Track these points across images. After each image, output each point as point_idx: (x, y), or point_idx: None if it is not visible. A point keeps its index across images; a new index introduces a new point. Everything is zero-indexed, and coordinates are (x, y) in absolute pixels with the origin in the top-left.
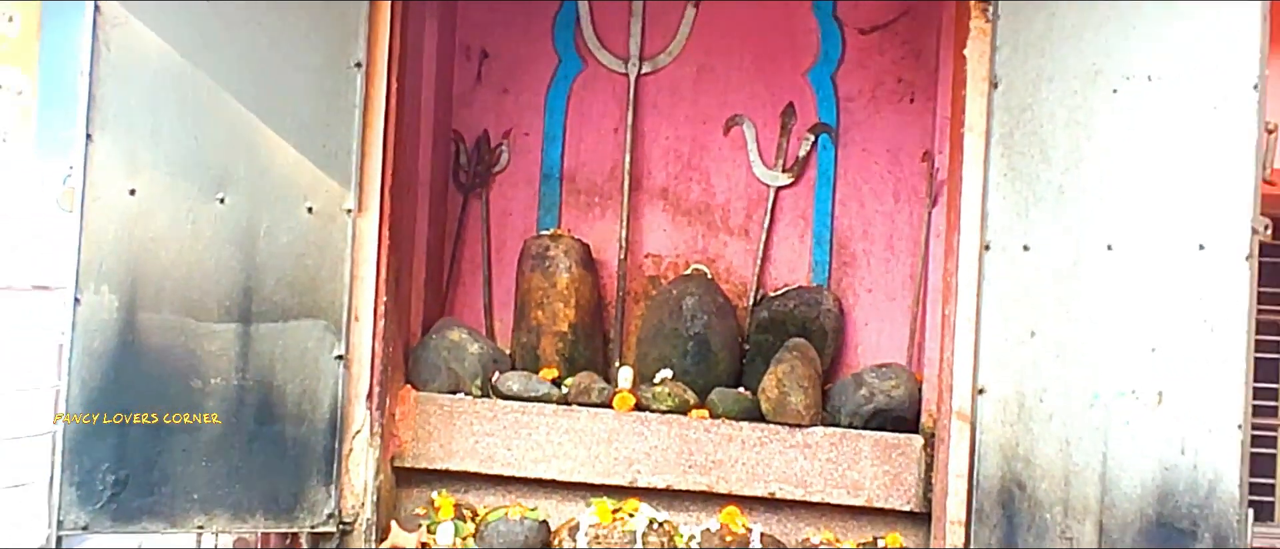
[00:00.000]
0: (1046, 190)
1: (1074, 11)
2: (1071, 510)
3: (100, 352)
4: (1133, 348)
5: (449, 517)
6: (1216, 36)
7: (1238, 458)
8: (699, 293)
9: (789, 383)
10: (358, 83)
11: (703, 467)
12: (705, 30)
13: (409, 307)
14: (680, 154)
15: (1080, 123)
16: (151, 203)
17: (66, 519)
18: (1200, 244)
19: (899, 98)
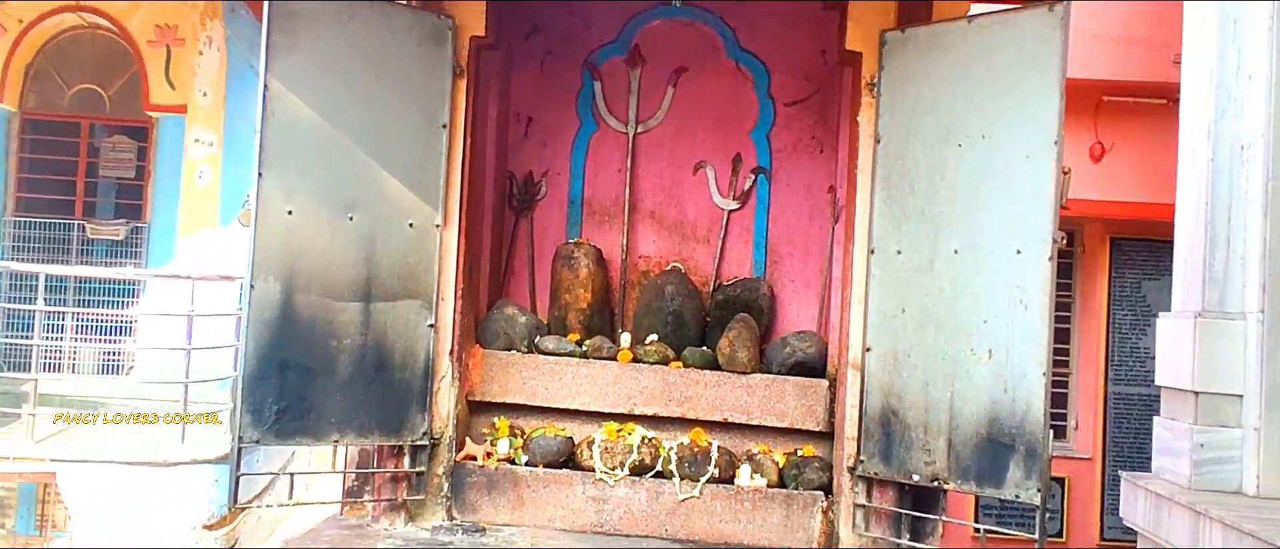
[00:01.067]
0: (912, 212)
1: (930, 91)
2: (930, 430)
3: (267, 321)
4: (971, 320)
5: (505, 434)
6: (1028, 107)
7: (1042, 395)
8: (676, 282)
9: (737, 343)
10: (443, 138)
11: (678, 401)
12: (680, 103)
13: (478, 291)
14: (663, 188)
15: (936, 166)
16: (302, 219)
17: (244, 437)
18: (1017, 249)
19: (812, 149)
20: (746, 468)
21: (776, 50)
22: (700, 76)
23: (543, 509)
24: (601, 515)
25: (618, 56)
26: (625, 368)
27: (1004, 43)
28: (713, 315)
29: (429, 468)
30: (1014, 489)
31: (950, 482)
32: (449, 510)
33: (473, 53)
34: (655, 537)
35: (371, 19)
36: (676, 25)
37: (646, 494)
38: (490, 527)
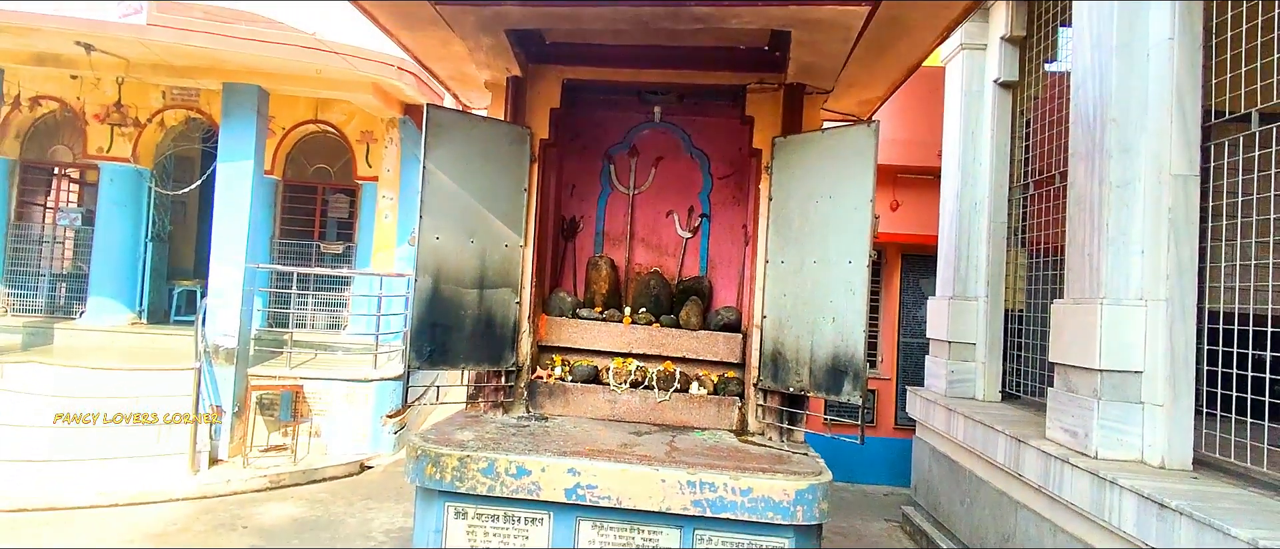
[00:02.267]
0: (790, 239)
1: (801, 170)
2: (800, 363)
3: (423, 300)
4: (824, 300)
5: (559, 364)
6: (855, 180)
7: (861, 343)
8: (656, 279)
9: (691, 313)
10: (524, 196)
11: (657, 345)
12: (660, 177)
13: (544, 283)
14: (649, 225)
15: (804, 213)
16: (444, 241)
17: (411, 364)
18: (849, 260)
19: (735, 204)
20: (696, 384)
21: (715, 147)
22: (671, 162)
23: (581, 406)
24: (614, 409)
25: (623, 150)
26: (627, 327)
27: (842, 143)
28: (678, 298)
29: (516, 383)
30: (846, 395)
31: (811, 391)
32: (527, 407)
33: (540, 148)
34: (644, 421)
35: (485, 127)
36: (658, 132)
37: (639, 398)
38: (551, 416)
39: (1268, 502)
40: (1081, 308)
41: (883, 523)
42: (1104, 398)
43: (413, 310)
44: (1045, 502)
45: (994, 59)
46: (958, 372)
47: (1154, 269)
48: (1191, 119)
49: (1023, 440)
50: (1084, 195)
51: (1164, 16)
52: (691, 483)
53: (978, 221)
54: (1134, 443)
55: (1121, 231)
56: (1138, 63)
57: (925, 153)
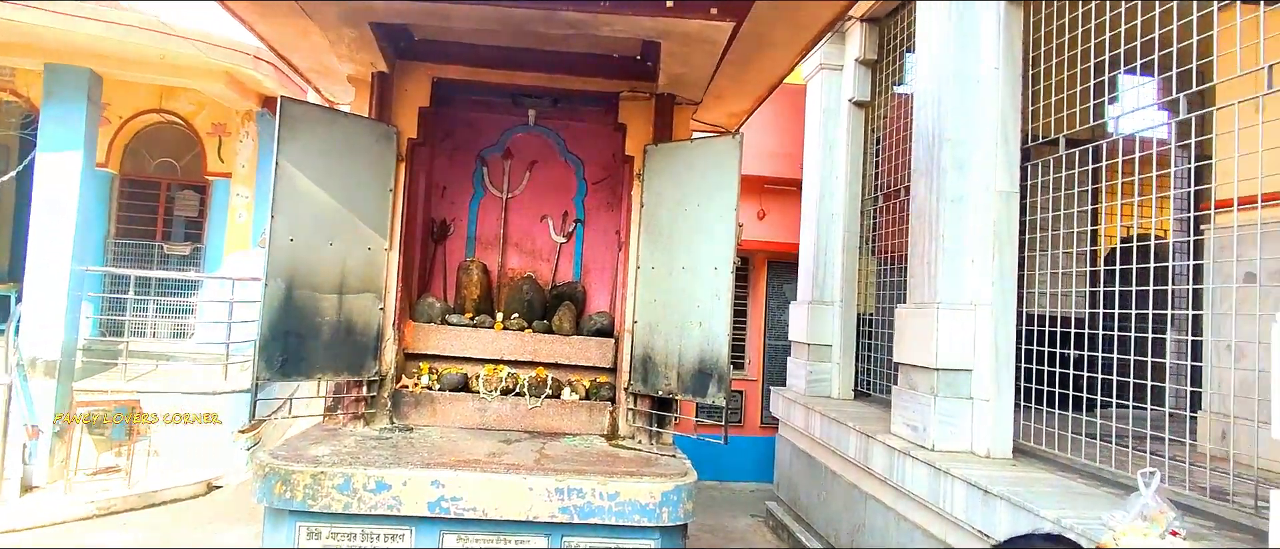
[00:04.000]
0: (660, 246)
1: (671, 178)
2: (668, 366)
3: (275, 306)
4: (691, 305)
5: (426, 373)
6: (721, 190)
7: (726, 346)
8: (530, 284)
9: (564, 318)
10: (390, 197)
11: (530, 351)
12: (534, 181)
13: (411, 288)
14: (523, 229)
15: (674, 220)
16: (300, 244)
17: (259, 375)
18: (715, 267)
19: (609, 209)
20: (567, 389)
21: (589, 152)
22: (546, 166)
23: (449, 416)
24: (484, 418)
25: (497, 153)
26: (499, 333)
27: (709, 153)
28: (551, 303)
29: (378, 393)
30: (711, 397)
31: (679, 394)
32: (390, 418)
33: (409, 147)
34: (515, 429)
35: (348, 123)
36: (533, 136)
37: (510, 405)
38: (416, 427)
39: (1073, 485)
40: (921, 312)
41: (749, 519)
42: (940, 394)
43: (262, 317)
44: (891, 492)
45: (849, 79)
46: (815, 372)
47: (982, 276)
48: (1012, 141)
49: (871, 436)
50: (924, 208)
51: (991, 47)
52: (559, 489)
53: (834, 231)
54: (965, 435)
55: (956, 242)
56: (970, 88)
57: (790, 165)
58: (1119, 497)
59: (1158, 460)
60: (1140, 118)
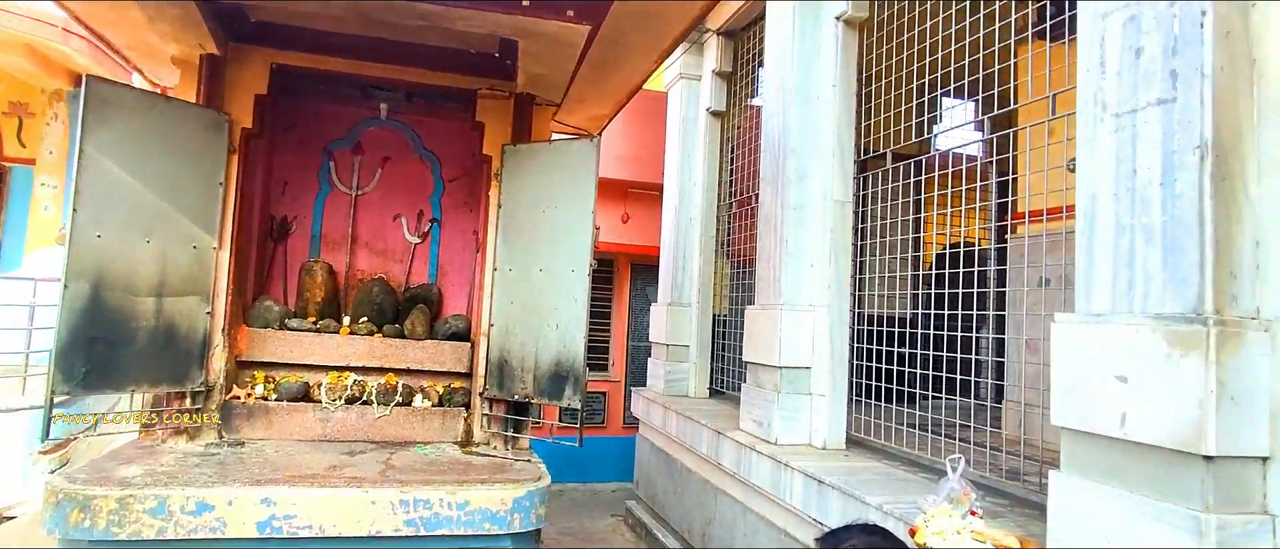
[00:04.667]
0: (519, 248)
1: (530, 180)
2: (525, 370)
3: (77, 310)
4: (548, 308)
5: (261, 381)
6: (578, 192)
7: (582, 349)
8: (380, 286)
9: (417, 322)
10: (220, 192)
11: (380, 357)
12: (387, 178)
13: (245, 291)
14: (374, 229)
15: (532, 222)
16: (109, 241)
17: (56, 390)
18: (572, 269)
19: (466, 209)
20: (419, 396)
21: (446, 150)
22: (400, 163)
23: (288, 428)
24: (326, 429)
25: (346, 147)
26: (345, 338)
27: (568, 156)
28: (404, 306)
29: (205, 405)
30: (567, 400)
31: (535, 398)
32: (219, 432)
33: (243, 138)
34: (362, 439)
35: (170, 110)
36: (385, 130)
37: (356, 415)
38: (249, 441)
39: (897, 472)
40: (766, 313)
41: (609, 518)
42: (783, 391)
43: (61, 322)
44: (739, 486)
45: (706, 90)
46: (673, 372)
47: (821, 279)
48: (847, 153)
49: (721, 432)
50: (770, 215)
51: (829, 66)
52: (405, 501)
53: (692, 235)
54: (805, 429)
55: (798, 247)
56: (811, 103)
57: (653, 171)
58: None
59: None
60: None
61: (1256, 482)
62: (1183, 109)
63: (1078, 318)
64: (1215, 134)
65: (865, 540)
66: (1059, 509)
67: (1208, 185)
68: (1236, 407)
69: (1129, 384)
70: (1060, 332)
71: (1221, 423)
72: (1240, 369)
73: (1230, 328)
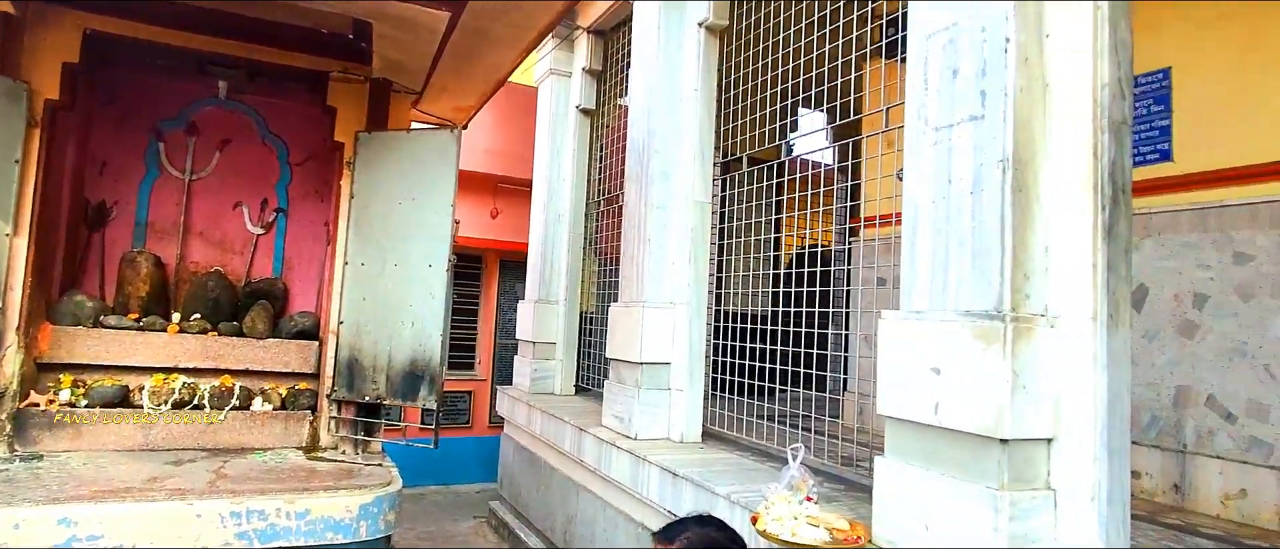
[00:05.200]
0: (372, 241)
1: (385, 170)
2: (377, 369)
3: None
4: (403, 304)
5: (67, 386)
6: (438, 184)
7: (439, 348)
8: (216, 280)
9: (257, 320)
10: (16, 170)
11: (213, 357)
12: (226, 162)
13: (50, 283)
14: (210, 217)
15: (387, 215)
16: None
17: None
18: (430, 264)
19: (317, 199)
20: (260, 399)
21: (294, 135)
22: (241, 146)
23: (100, 438)
24: (149, 437)
25: (178, 127)
26: (174, 337)
27: (427, 146)
28: (244, 302)
29: None
30: (423, 401)
31: (388, 399)
32: (11, 445)
33: (47, 111)
34: (191, 447)
35: None
36: (225, 111)
37: (185, 421)
38: (50, 454)
39: (747, 463)
40: (630, 310)
41: (472, 520)
42: (644, 386)
43: None
44: (599, 482)
45: (576, 87)
46: (540, 369)
47: (682, 278)
48: (707, 156)
49: (584, 428)
50: (634, 213)
51: (692, 70)
52: (236, 513)
53: (560, 232)
54: (663, 423)
55: (660, 246)
56: (675, 106)
57: (524, 166)
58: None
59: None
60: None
61: (1042, 461)
62: (990, 126)
63: (901, 315)
64: (1015, 149)
65: (699, 531)
66: (882, 492)
67: (1008, 195)
68: (1027, 394)
69: (941, 375)
70: (886, 328)
71: (1015, 409)
72: (1031, 360)
73: (1023, 323)
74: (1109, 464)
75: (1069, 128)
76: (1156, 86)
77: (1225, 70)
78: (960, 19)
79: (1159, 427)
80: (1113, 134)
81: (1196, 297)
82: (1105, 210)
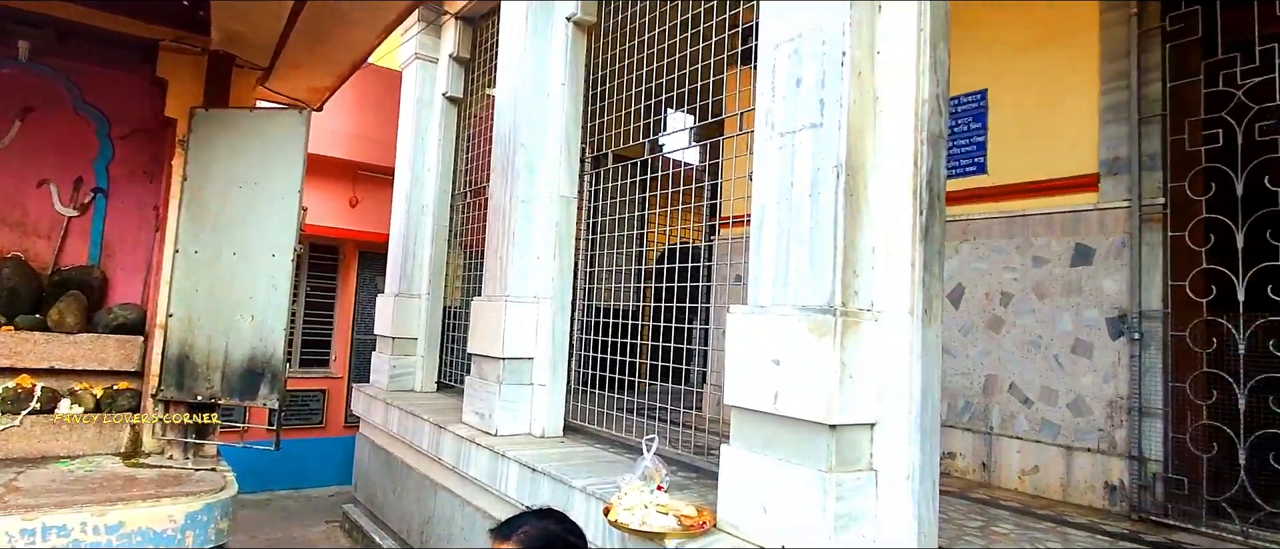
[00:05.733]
0: (207, 227)
1: (224, 150)
2: (211, 367)
3: None
4: (242, 296)
5: None
6: (284, 168)
7: (282, 343)
8: (14, 267)
9: (66, 312)
10: None
11: (10, 355)
12: (28, 134)
13: None
14: (7, 196)
15: (224, 198)
16: None
17: None
18: (273, 253)
19: (145, 179)
20: (66, 401)
21: (117, 108)
22: (50, 117)
23: None
24: None
25: None
26: None
27: (273, 127)
28: (51, 292)
29: None
30: (263, 400)
31: (224, 398)
32: None
33: None
34: None
35: None
36: (25, 74)
37: None
38: None
39: (607, 455)
40: (493, 304)
41: (323, 525)
42: (505, 382)
43: None
44: (458, 480)
45: (444, 74)
46: (399, 366)
47: (546, 272)
48: (573, 151)
49: (443, 426)
50: (499, 206)
51: (559, 65)
52: (29, 530)
53: (424, 223)
54: (525, 419)
55: (525, 240)
56: (542, 99)
57: (388, 153)
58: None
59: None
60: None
61: (866, 444)
62: (827, 133)
63: (747, 310)
64: (848, 156)
65: (537, 525)
66: (727, 478)
67: (841, 199)
68: (854, 383)
69: (781, 366)
70: (733, 322)
71: (843, 396)
72: (858, 352)
73: (852, 318)
74: (922, 445)
75: (894, 138)
76: (975, 105)
77: (1033, 93)
78: (804, 31)
79: (971, 411)
80: (931, 146)
81: (1003, 295)
82: (923, 215)
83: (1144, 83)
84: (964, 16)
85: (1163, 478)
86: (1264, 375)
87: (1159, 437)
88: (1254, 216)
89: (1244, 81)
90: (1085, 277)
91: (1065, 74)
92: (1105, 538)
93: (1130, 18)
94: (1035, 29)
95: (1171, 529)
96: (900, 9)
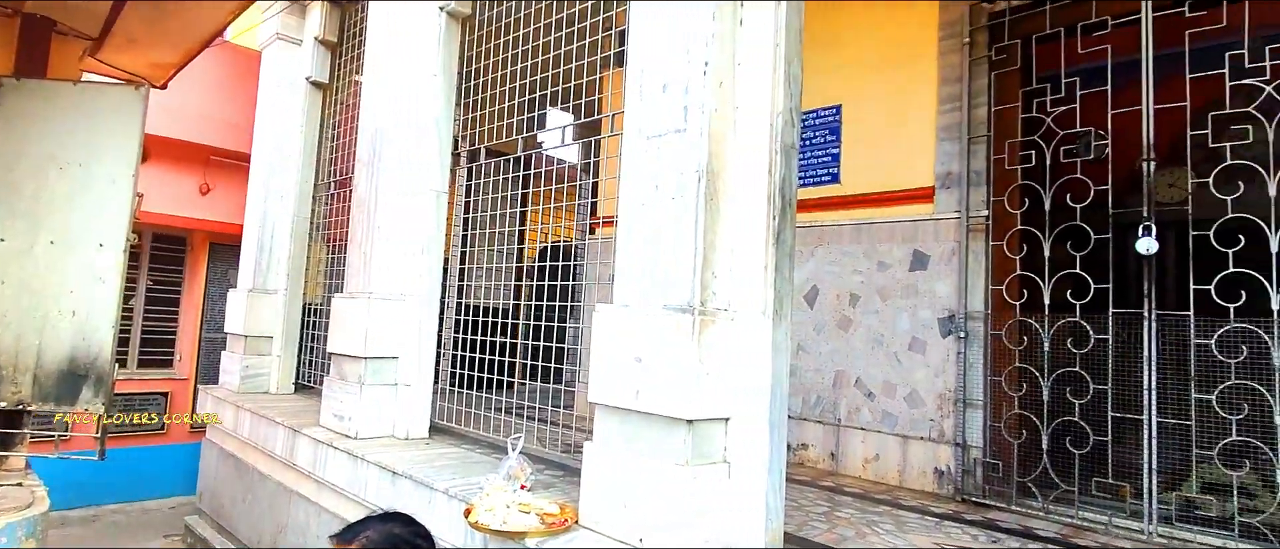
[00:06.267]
0: (20, 212)
1: (41, 126)
2: (19, 370)
3: None
4: (61, 290)
5: None
6: (117, 148)
7: (110, 342)
8: None
9: None
10: None
11: None
12: None
13: None
14: None
15: (44, 181)
16: None
17: None
18: (101, 243)
19: None
20: None
21: None
22: None
23: None
24: None
25: None
26: None
27: (104, 103)
28: None
29: None
30: (86, 404)
31: (36, 403)
32: None
33: None
34: None
35: None
36: None
37: None
38: None
39: (473, 455)
40: (356, 301)
41: (162, 540)
42: (367, 382)
43: None
44: (314, 486)
45: (308, 57)
46: (252, 366)
47: (414, 269)
48: (445, 144)
49: (298, 430)
50: (365, 199)
51: (432, 55)
52: None
53: (282, 214)
54: (389, 420)
55: (392, 234)
56: (413, 89)
57: (243, 138)
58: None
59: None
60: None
61: (720, 437)
62: (690, 139)
63: (613, 308)
64: (709, 161)
65: (381, 528)
66: (590, 474)
67: (702, 203)
68: (710, 379)
69: (642, 363)
70: (599, 319)
71: (700, 392)
72: (714, 349)
73: (710, 317)
74: (771, 437)
75: (751, 146)
76: (831, 119)
77: (882, 110)
78: (671, 39)
79: (822, 405)
80: (784, 155)
81: (852, 296)
82: (775, 220)
83: (973, 105)
84: (822, 37)
85: (982, 462)
86: (1063, 369)
87: (980, 426)
88: (1058, 229)
89: (1053, 109)
90: (922, 280)
91: (909, 94)
92: (932, 518)
93: (963, 46)
94: (885, 50)
95: (987, 509)
96: (759, 24)
